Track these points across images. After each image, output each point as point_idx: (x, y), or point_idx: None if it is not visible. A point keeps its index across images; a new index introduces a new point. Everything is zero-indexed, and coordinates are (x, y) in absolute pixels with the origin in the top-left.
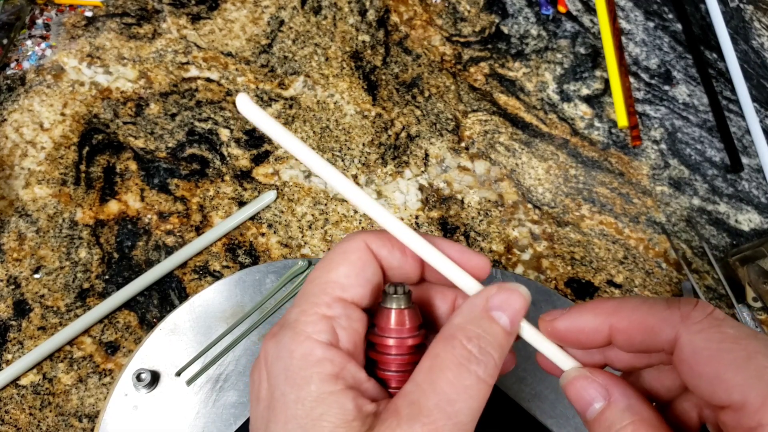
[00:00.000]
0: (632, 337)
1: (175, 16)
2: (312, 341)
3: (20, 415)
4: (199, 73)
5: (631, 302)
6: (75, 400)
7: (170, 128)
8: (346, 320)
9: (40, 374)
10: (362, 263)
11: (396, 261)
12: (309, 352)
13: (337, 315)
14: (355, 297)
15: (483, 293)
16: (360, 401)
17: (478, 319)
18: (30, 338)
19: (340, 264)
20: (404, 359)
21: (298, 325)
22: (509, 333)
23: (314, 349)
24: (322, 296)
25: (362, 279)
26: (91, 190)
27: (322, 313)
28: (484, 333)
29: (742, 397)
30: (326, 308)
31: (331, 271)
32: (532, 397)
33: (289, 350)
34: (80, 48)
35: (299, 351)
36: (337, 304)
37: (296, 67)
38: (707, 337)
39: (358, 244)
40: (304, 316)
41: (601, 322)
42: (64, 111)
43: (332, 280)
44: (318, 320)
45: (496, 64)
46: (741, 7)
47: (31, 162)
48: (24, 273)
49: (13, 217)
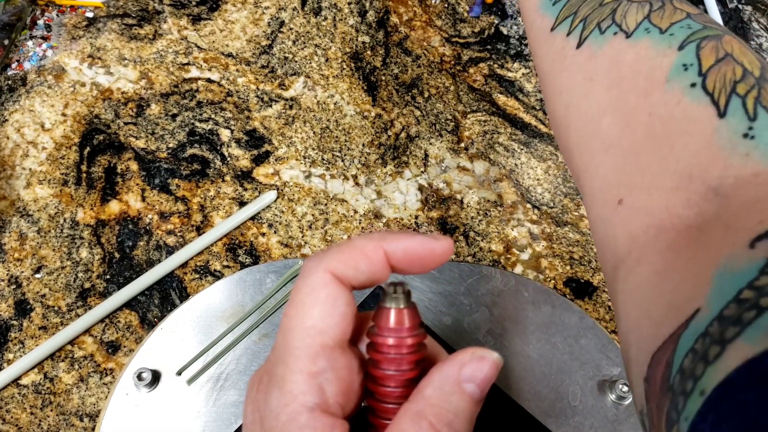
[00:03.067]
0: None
1: (176, 17)
2: (298, 405)
3: (21, 414)
4: (200, 73)
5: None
6: (76, 399)
7: (171, 129)
8: (333, 372)
9: (41, 374)
10: (333, 298)
11: (364, 274)
12: (294, 418)
13: (322, 369)
14: (336, 337)
15: (456, 361)
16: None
17: (449, 394)
18: (31, 338)
19: (313, 306)
20: (404, 358)
21: (285, 384)
22: (478, 401)
23: (300, 415)
24: (304, 349)
25: (338, 314)
26: (92, 191)
27: (308, 371)
28: (454, 410)
29: None
30: (311, 364)
31: (306, 317)
32: (531, 397)
33: (276, 413)
34: (81, 49)
35: (285, 414)
36: (320, 356)
37: (296, 68)
38: None
39: (323, 277)
40: (290, 374)
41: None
42: (65, 111)
43: (309, 326)
44: (304, 380)
45: (495, 65)
46: (740, 8)
47: (32, 162)
48: (25, 273)
49: (14, 217)
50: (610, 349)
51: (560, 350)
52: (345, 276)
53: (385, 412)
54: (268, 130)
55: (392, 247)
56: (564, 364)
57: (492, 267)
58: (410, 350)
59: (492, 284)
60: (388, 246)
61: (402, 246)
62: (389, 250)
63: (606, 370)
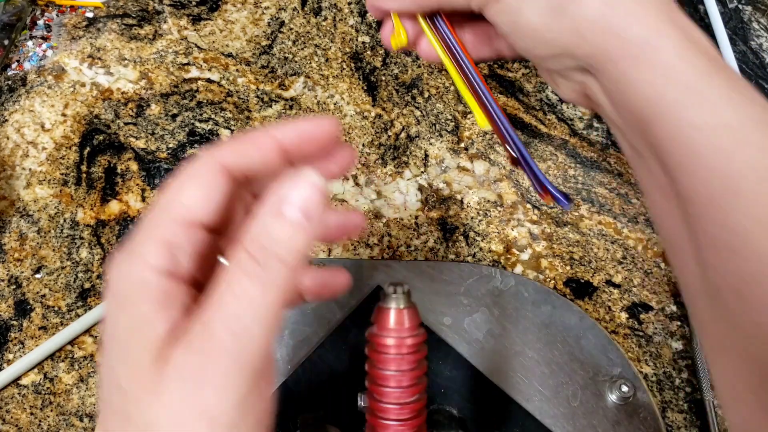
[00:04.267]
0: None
1: (176, 17)
2: (144, 266)
3: (21, 414)
4: (200, 73)
5: None
6: (76, 399)
7: (171, 129)
8: (190, 245)
9: (41, 374)
10: (211, 183)
11: (255, 161)
12: (140, 277)
13: (179, 241)
14: (203, 217)
15: (276, 189)
16: (178, 320)
17: (263, 217)
18: (31, 338)
19: (189, 187)
20: (404, 358)
21: (137, 248)
22: (303, 225)
23: (145, 275)
24: (165, 221)
25: (211, 199)
26: (92, 191)
27: (164, 239)
28: (267, 232)
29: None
30: (169, 234)
31: (178, 194)
32: (531, 397)
33: (126, 273)
34: (81, 49)
35: (132, 275)
36: (180, 228)
37: (296, 68)
38: None
39: (209, 163)
40: (145, 240)
41: None
42: (65, 111)
43: (177, 201)
44: (157, 246)
45: (495, 65)
46: (740, 8)
47: (32, 162)
48: (25, 273)
49: (14, 217)
50: (610, 350)
51: (560, 350)
52: (235, 165)
53: (385, 411)
54: None
55: (281, 133)
56: (564, 364)
57: (492, 267)
58: (410, 350)
59: (492, 284)
60: (278, 133)
61: (290, 130)
62: (279, 136)
63: (606, 371)
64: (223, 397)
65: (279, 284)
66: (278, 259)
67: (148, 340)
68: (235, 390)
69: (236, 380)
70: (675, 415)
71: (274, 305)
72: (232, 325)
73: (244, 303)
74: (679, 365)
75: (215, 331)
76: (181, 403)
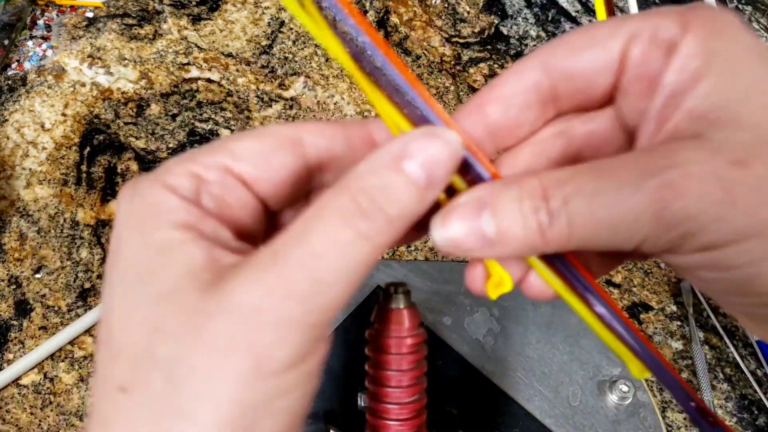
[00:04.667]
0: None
1: (176, 17)
2: (168, 191)
3: (21, 414)
4: (200, 73)
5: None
6: (76, 399)
7: (171, 129)
8: (220, 188)
9: (42, 374)
10: (278, 145)
11: (340, 149)
12: (162, 200)
13: (210, 179)
14: (248, 174)
15: (401, 138)
16: (216, 252)
17: (381, 168)
18: (31, 338)
19: (250, 138)
20: (404, 358)
21: (160, 173)
22: (421, 188)
23: (169, 198)
24: (204, 156)
25: (271, 163)
26: (93, 191)
27: (193, 171)
28: (381, 184)
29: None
30: (201, 168)
31: (235, 141)
32: (531, 397)
33: (142, 195)
34: (81, 49)
35: (152, 197)
36: (218, 170)
37: (296, 68)
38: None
39: (286, 129)
40: (174, 167)
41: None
42: (65, 111)
43: (227, 146)
44: (184, 175)
45: (495, 65)
46: (740, 7)
47: (32, 162)
48: (25, 273)
49: (14, 217)
50: (610, 350)
51: (560, 350)
52: (315, 143)
53: (385, 412)
54: None
55: (377, 128)
56: (564, 364)
57: None
58: (410, 350)
59: None
60: (374, 126)
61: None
62: (374, 129)
63: (606, 371)
64: (278, 344)
65: (376, 242)
66: (385, 216)
67: (185, 268)
68: (294, 342)
69: (298, 331)
70: (675, 415)
71: (363, 262)
72: (310, 263)
73: (332, 244)
74: (679, 365)
75: (288, 264)
76: (226, 340)
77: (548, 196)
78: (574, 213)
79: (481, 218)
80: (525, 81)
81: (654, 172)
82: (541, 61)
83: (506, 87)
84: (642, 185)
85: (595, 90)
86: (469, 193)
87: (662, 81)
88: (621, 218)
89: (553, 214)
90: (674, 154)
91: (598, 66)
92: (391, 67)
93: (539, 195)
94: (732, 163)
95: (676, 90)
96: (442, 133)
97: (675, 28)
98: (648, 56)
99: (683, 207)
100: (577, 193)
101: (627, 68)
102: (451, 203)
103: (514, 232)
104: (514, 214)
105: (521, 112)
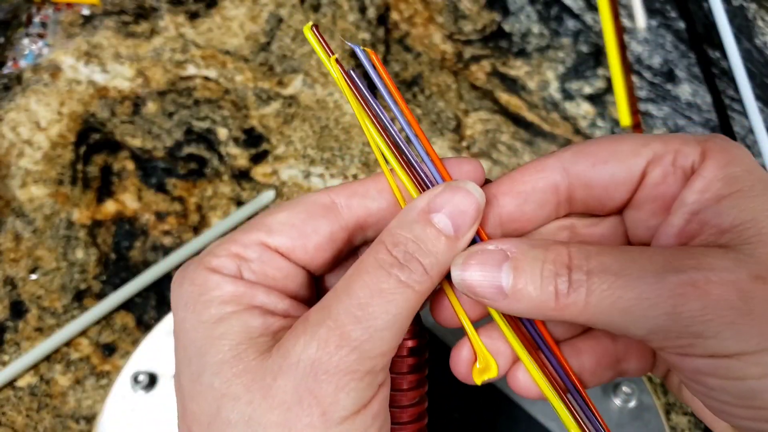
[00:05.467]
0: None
1: (173, 14)
2: (213, 272)
3: (17, 417)
4: (197, 71)
5: (595, 145)
6: (72, 402)
7: (168, 127)
8: (260, 264)
9: (37, 376)
10: (310, 213)
11: (375, 206)
12: (208, 280)
13: (249, 257)
14: (283, 245)
15: (426, 194)
16: (269, 319)
17: (411, 222)
18: (27, 339)
19: (283, 210)
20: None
21: (203, 258)
22: (451, 239)
23: (214, 277)
24: (242, 236)
25: (306, 230)
26: (88, 190)
27: (234, 252)
28: (414, 238)
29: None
30: (240, 248)
31: (269, 216)
32: (534, 400)
33: (191, 279)
34: (77, 46)
35: (199, 279)
36: (255, 247)
37: (295, 66)
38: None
39: (319, 197)
40: (216, 250)
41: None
42: (61, 110)
43: (262, 222)
44: (226, 256)
45: (497, 63)
46: (744, 5)
47: (27, 161)
48: (20, 274)
49: (9, 217)
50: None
51: None
52: (348, 204)
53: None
54: (266, 128)
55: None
56: None
57: None
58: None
59: None
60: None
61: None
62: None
63: None
64: (340, 392)
65: (416, 289)
66: (420, 266)
67: (241, 336)
68: (354, 388)
69: (356, 377)
70: (679, 418)
71: (407, 308)
72: (356, 311)
73: (376, 293)
74: None
75: (338, 317)
76: (293, 395)
77: (573, 266)
78: (594, 288)
79: (501, 269)
80: (545, 181)
81: (679, 269)
82: (563, 164)
83: (526, 183)
84: (665, 277)
85: (610, 201)
86: (496, 242)
87: (683, 201)
88: (638, 304)
89: (573, 284)
90: (701, 256)
91: (617, 180)
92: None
93: (564, 262)
94: (754, 277)
95: (699, 209)
96: (464, 185)
97: (695, 155)
98: (667, 178)
99: (701, 308)
100: (602, 270)
101: (644, 186)
102: (477, 246)
103: (530, 291)
104: (534, 274)
105: (536, 209)
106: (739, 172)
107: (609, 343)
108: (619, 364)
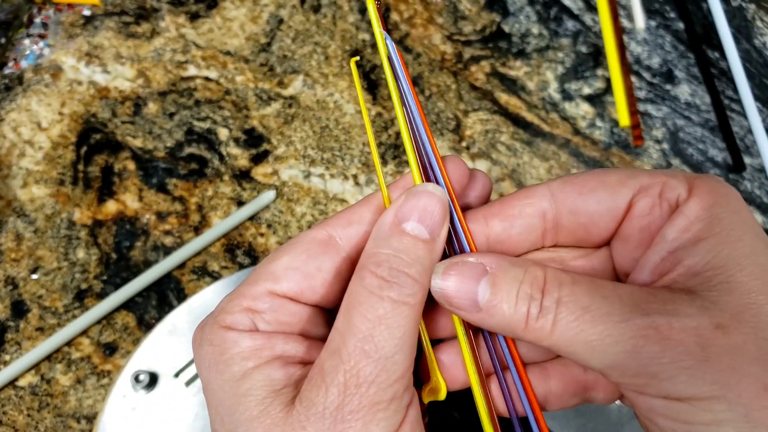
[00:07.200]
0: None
1: (174, 15)
2: (229, 329)
3: (18, 416)
4: (198, 72)
5: (582, 177)
6: (73, 401)
7: (168, 128)
8: (272, 314)
9: (38, 375)
10: (310, 253)
11: (372, 230)
12: (226, 338)
13: (261, 309)
14: (291, 290)
15: (391, 207)
16: (290, 369)
17: (386, 238)
18: (28, 339)
19: (284, 254)
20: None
21: (217, 316)
22: (428, 241)
23: (231, 334)
24: (250, 288)
25: (310, 270)
26: (89, 190)
27: (245, 306)
28: (394, 252)
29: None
30: (251, 301)
31: (271, 262)
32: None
33: (209, 340)
34: (78, 47)
35: (216, 340)
36: (265, 297)
37: (296, 66)
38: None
39: (316, 233)
40: (228, 307)
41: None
42: (62, 110)
43: (267, 271)
44: (238, 312)
45: (497, 63)
46: (743, 6)
47: (28, 162)
48: (22, 273)
49: (10, 217)
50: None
51: None
52: (346, 234)
53: None
54: (266, 128)
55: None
56: None
57: None
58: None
59: None
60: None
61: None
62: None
63: None
64: (371, 424)
65: (411, 302)
66: (408, 277)
67: (265, 390)
68: (383, 419)
69: (381, 408)
70: None
71: (409, 324)
72: (366, 347)
73: (376, 322)
74: None
75: (349, 357)
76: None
77: (546, 290)
78: (561, 318)
79: (479, 283)
80: (533, 207)
81: (645, 312)
82: (551, 191)
83: (515, 208)
84: (630, 319)
85: (595, 230)
86: (477, 256)
87: (663, 236)
88: (600, 339)
89: (543, 309)
90: (668, 302)
91: (603, 209)
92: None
93: (539, 286)
94: (715, 326)
95: (677, 247)
96: (423, 188)
97: (682, 190)
98: (653, 210)
99: (660, 350)
100: (571, 300)
101: (630, 217)
102: (459, 257)
103: (503, 309)
104: (510, 294)
105: (523, 233)
106: (723, 213)
107: (579, 372)
108: (586, 392)
